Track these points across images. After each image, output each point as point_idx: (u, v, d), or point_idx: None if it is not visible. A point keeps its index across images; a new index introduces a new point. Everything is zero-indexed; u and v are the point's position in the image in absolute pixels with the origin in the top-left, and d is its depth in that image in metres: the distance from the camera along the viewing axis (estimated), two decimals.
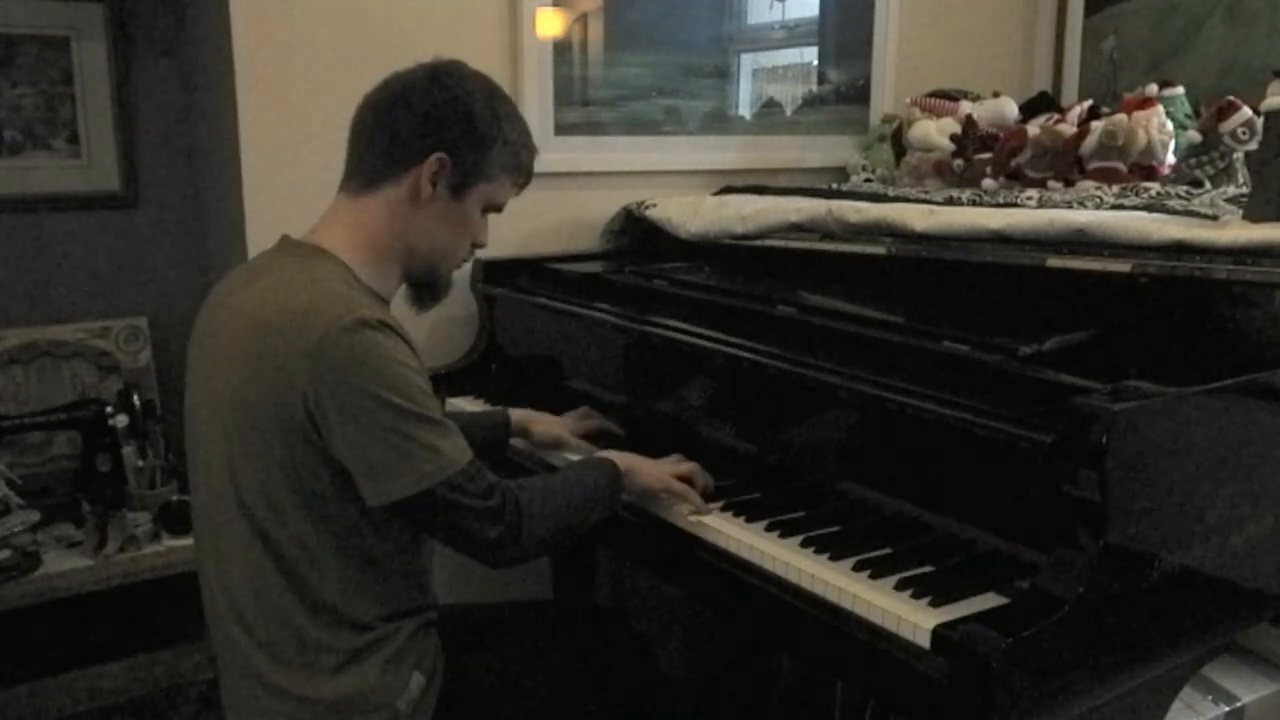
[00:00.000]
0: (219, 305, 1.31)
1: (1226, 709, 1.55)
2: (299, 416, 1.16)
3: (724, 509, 1.40)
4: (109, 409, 2.20)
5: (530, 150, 1.38)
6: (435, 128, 1.27)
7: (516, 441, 1.69)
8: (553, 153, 2.23)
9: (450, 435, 1.21)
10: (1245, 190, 1.69)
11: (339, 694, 1.23)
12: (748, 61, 2.48)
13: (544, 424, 1.67)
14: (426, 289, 1.39)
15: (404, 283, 1.37)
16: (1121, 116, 1.86)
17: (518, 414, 1.69)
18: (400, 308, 1.38)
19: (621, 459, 1.42)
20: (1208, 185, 1.82)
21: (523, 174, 1.37)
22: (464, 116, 1.28)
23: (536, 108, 2.18)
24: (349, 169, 1.33)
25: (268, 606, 1.23)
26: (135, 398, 2.25)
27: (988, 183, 1.99)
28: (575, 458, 1.56)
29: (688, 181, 2.36)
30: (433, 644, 1.34)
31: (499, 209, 1.38)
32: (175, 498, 2.20)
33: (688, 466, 1.45)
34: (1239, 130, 1.80)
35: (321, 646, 1.24)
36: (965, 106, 2.24)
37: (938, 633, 1.05)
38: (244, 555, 1.23)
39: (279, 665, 1.24)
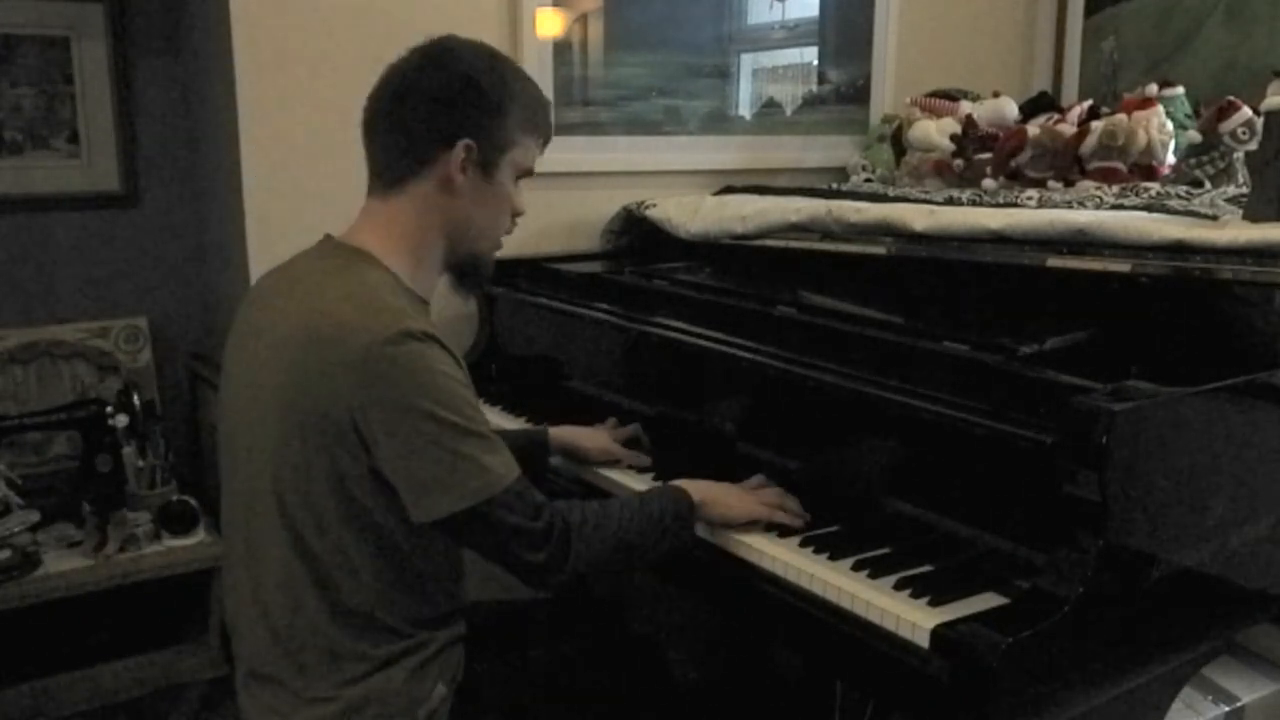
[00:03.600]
0: (262, 307, 1.28)
1: (1226, 709, 1.55)
2: (345, 429, 1.14)
3: None
4: (109, 409, 2.20)
5: (544, 104, 1.34)
6: (447, 113, 1.24)
7: (558, 460, 1.63)
8: (553, 153, 2.21)
9: (498, 451, 1.18)
10: (1245, 190, 1.69)
11: (361, 698, 1.22)
12: (748, 61, 2.48)
13: (592, 439, 1.62)
14: (470, 273, 1.35)
15: (445, 271, 1.33)
16: (1121, 116, 1.86)
17: (559, 432, 1.63)
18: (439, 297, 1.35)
19: (697, 489, 1.35)
20: (1208, 185, 1.82)
21: (543, 130, 1.34)
22: (472, 93, 1.24)
23: None
24: (371, 171, 1.30)
25: (300, 616, 1.21)
26: (135, 398, 2.25)
27: (988, 183, 1.99)
28: (623, 473, 1.54)
29: (688, 181, 2.36)
30: (458, 658, 1.33)
31: (530, 172, 1.34)
32: (175, 498, 2.20)
33: (774, 495, 1.38)
34: (1239, 130, 1.80)
35: (353, 655, 1.22)
36: (965, 106, 2.24)
37: (937, 632, 1.05)
38: (280, 563, 1.21)
39: (303, 673, 1.22)
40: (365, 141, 1.29)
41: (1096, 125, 1.88)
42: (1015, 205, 1.71)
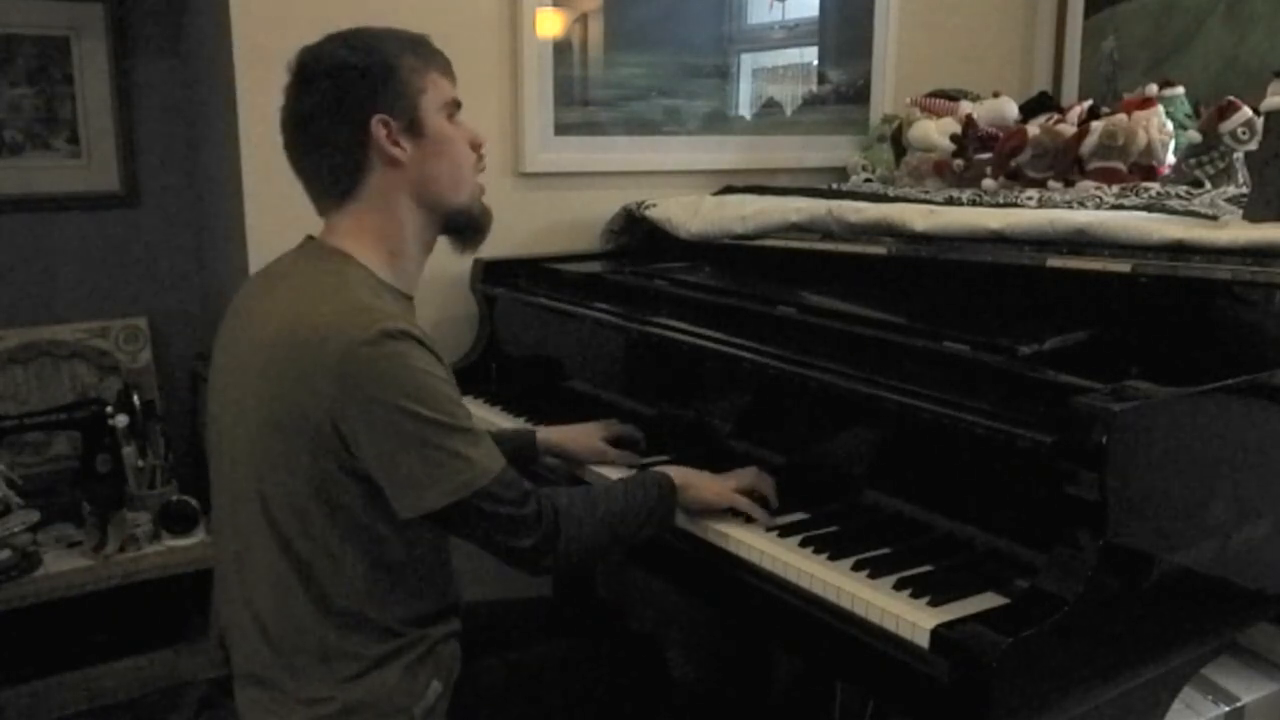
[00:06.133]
0: (242, 311, 1.29)
1: (1226, 709, 1.55)
2: (326, 432, 1.15)
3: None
4: (109, 409, 2.20)
5: (419, 40, 1.31)
6: (344, 104, 1.24)
7: (550, 460, 1.63)
8: (553, 153, 2.23)
9: (481, 443, 1.19)
10: (1245, 190, 1.69)
11: (357, 698, 1.22)
12: (748, 61, 2.48)
13: (581, 438, 1.62)
14: (464, 228, 1.36)
15: (440, 234, 1.35)
16: (1121, 116, 1.86)
17: (547, 433, 1.64)
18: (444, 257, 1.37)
19: (678, 474, 1.38)
20: (1208, 185, 1.82)
21: (432, 60, 1.30)
22: (351, 73, 1.24)
23: (536, 108, 2.18)
24: (315, 196, 1.30)
25: (291, 618, 1.22)
26: (135, 398, 2.25)
27: (988, 183, 1.99)
28: (614, 470, 1.54)
29: (688, 181, 2.36)
30: (452, 653, 1.33)
31: (458, 104, 1.32)
32: (175, 498, 2.21)
33: (750, 479, 1.40)
34: (1239, 130, 1.80)
35: (344, 654, 1.22)
36: (965, 106, 2.24)
37: (937, 632, 1.05)
38: (269, 567, 1.21)
39: (296, 675, 1.23)
40: (295, 171, 1.30)
41: (1096, 125, 1.88)
42: (1015, 205, 1.71)
